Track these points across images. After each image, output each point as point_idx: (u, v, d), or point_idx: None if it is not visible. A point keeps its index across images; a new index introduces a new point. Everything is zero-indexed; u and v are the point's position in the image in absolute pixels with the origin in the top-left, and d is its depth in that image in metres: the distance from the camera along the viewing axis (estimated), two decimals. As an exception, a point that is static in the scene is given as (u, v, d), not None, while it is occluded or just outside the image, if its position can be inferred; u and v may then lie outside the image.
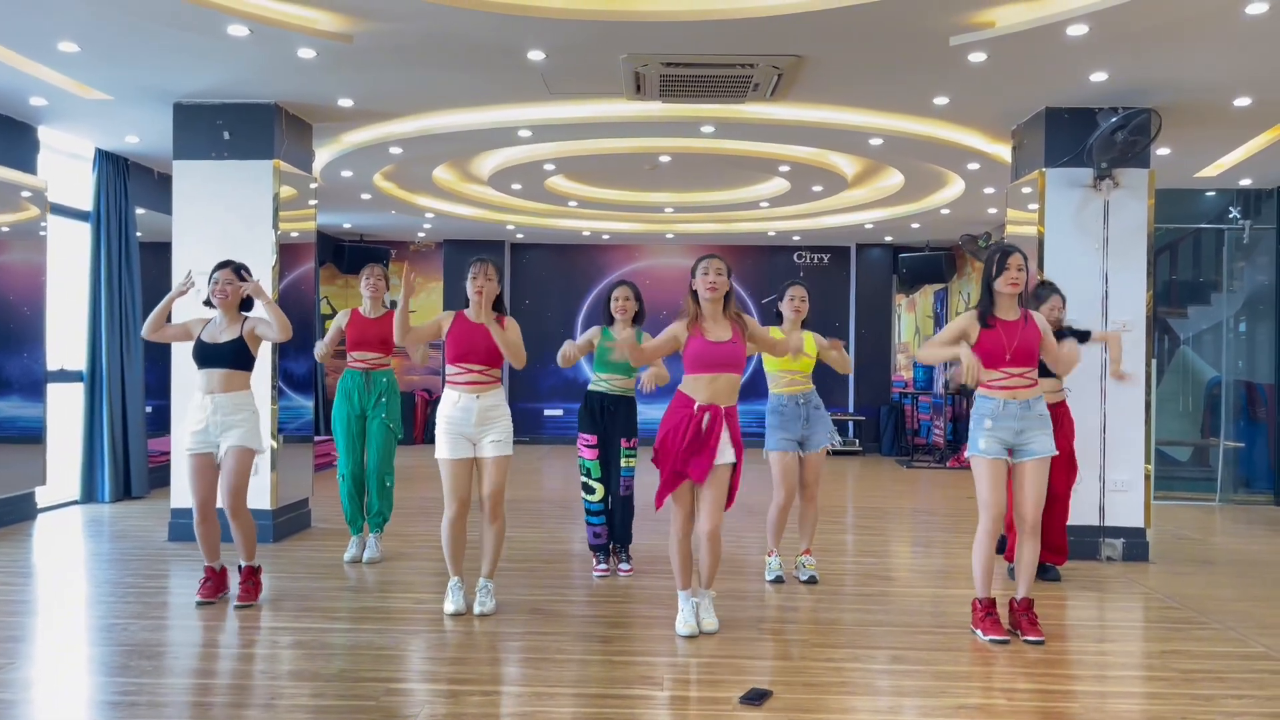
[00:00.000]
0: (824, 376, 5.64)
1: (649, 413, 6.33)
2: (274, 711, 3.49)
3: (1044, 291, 5.50)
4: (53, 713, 3.50)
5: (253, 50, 5.52)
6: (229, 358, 4.81)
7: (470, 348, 4.65)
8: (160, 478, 8.14)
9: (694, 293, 4.40)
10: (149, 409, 8.51)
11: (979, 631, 4.48)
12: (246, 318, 4.92)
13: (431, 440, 4.78)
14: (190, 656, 4.15)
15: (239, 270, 4.93)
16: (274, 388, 6.55)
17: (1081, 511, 6.26)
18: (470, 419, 4.62)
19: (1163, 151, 7.35)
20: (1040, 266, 6.37)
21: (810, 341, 5.47)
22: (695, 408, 4.30)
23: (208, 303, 4.92)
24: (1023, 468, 4.45)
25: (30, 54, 5.67)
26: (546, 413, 13.68)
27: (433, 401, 13.40)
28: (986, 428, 4.45)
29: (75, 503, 8.01)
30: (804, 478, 5.48)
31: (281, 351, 6.65)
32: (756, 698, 3.61)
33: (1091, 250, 6.30)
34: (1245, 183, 8.68)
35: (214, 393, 4.79)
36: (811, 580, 5.49)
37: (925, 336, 14.09)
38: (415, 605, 4.95)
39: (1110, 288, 6.28)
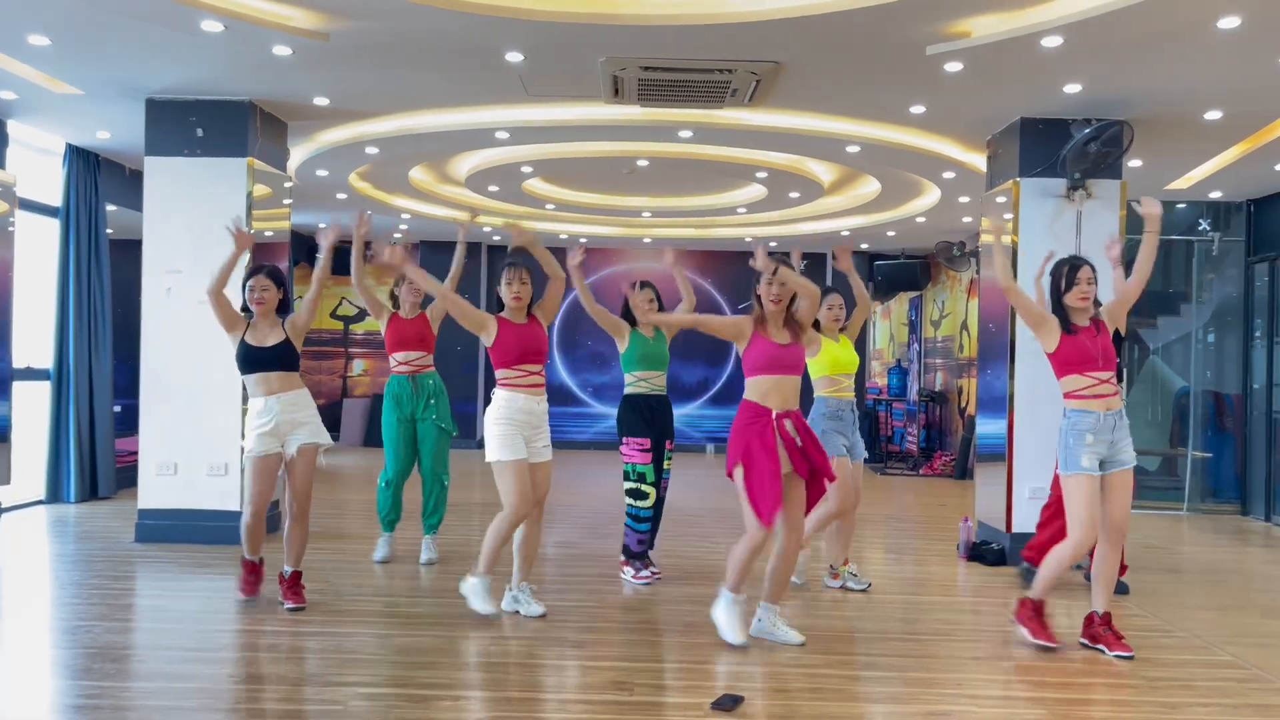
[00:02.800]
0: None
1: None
2: (240, 716, 3.44)
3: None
4: (14, 716, 3.44)
5: (227, 46, 5.46)
6: (280, 360, 4.77)
7: (526, 349, 4.61)
8: (128, 478, 8.03)
9: (758, 297, 4.37)
10: (117, 408, 8.40)
11: (1025, 630, 4.43)
12: (283, 320, 4.88)
13: None
14: (156, 660, 4.09)
15: (273, 275, 4.86)
16: (245, 387, 6.47)
17: (1052, 519, 6.31)
18: (535, 422, 4.61)
19: (1134, 163, 7.43)
20: (1014, 276, 6.40)
21: (847, 347, 5.41)
22: (774, 416, 4.22)
23: (245, 309, 4.87)
24: (1114, 479, 4.31)
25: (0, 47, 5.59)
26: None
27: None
28: (1088, 444, 4.27)
29: (40, 502, 7.88)
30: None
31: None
32: (729, 703, 3.61)
33: (1064, 260, 6.36)
34: (1215, 195, 8.79)
35: (276, 394, 4.74)
36: (867, 589, 5.44)
37: (900, 344, 14.19)
38: (386, 608, 4.91)
39: (1082, 297, 6.33)
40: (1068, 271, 4.37)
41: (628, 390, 5.59)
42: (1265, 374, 8.77)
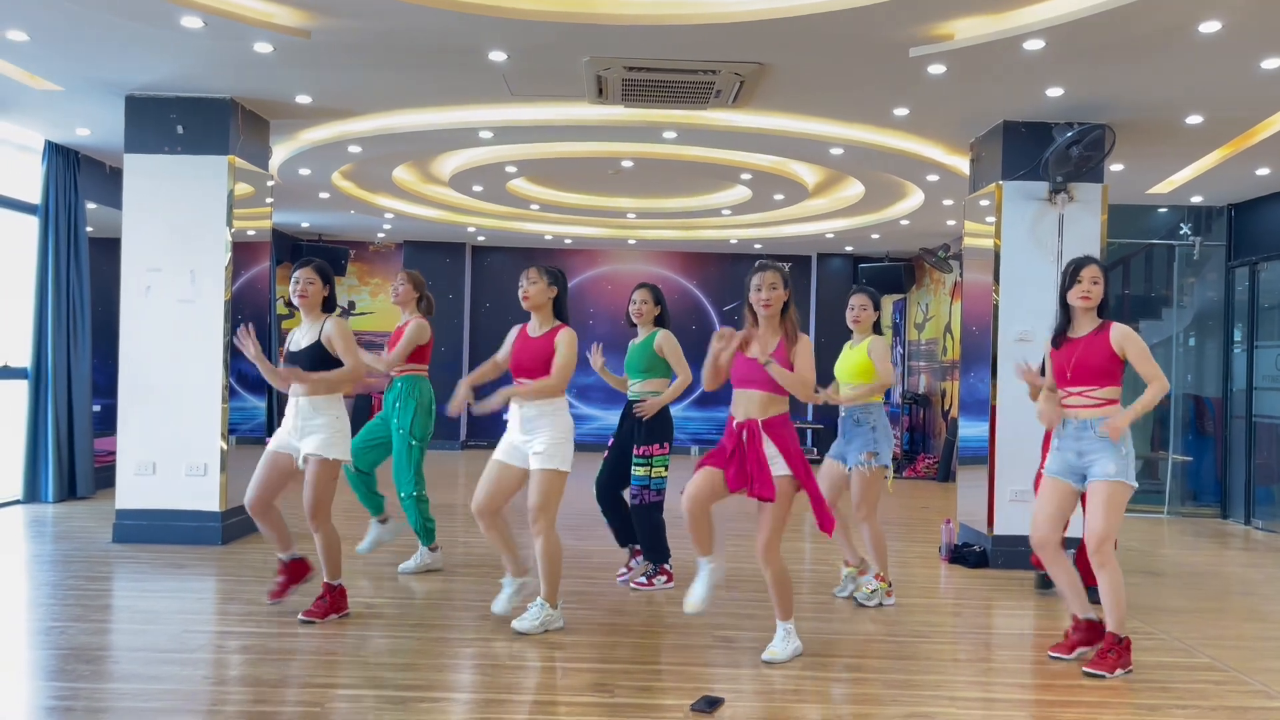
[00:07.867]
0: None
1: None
2: (216, 717, 3.41)
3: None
4: (-16, 719, 3.40)
5: (207, 43, 5.42)
6: (305, 363, 4.65)
7: (519, 361, 4.59)
8: (106, 478, 7.97)
9: (750, 305, 4.21)
10: (96, 408, 8.32)
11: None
12: (327, 319, 4.75)
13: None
14: (131, 661, 4.05)
15: (320, 269, 4.73)
16: (225, 387, 6.43)
17: (1033, 521, 6.32)
18: (515, 426, 4.58)
19: (1116, 167, 7.47)
20: (996, 279, 6.43)
21: (851, 354, 5.29)
22: (734, 424, 4.19)
23: (290, 304, 4.80)
24: (1089, 490, 4.28)
25: (-23, 41, 5.53)
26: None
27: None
28: (1055, 448, 4.33)
29: (17, 502, 7.80)
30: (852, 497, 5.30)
31: (233, 350, 6.53)
32: (708, 705, 3.59)
33: (1046, 263, 6.37)
34: (1196, 200, 8.84)
35: (298, 395, 4.66)
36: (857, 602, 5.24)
37: (886, 345, 14.19)
38: (365, 610, 4.87)
39: (1064, 300, 6.35)
40: (1071, 270, 4.26)
41: None
42: (1245, 378, 8.82)
